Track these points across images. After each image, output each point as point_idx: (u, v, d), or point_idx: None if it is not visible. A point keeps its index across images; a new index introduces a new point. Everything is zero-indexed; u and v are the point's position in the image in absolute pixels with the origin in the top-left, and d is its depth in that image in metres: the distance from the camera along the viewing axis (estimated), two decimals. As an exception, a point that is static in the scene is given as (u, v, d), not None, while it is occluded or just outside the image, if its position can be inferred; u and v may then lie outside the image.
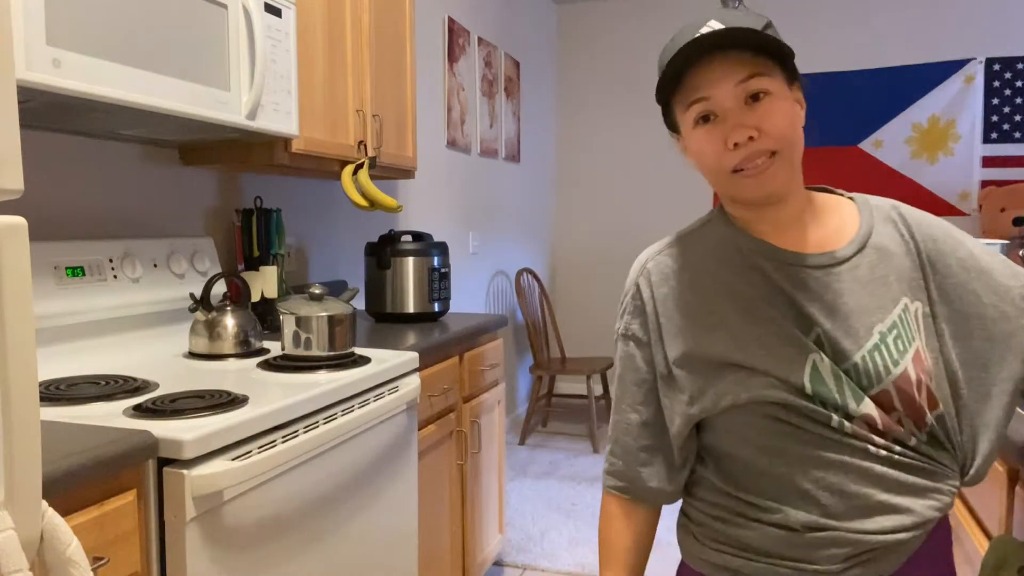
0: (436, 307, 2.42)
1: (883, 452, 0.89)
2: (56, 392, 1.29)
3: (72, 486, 0.94)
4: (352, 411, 1.49)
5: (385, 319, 2.42)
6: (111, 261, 1.65)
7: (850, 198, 1.03)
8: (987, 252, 0.97)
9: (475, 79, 3.85)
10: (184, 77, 1.42)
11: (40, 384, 1.34)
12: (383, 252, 2.39)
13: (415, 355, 1.79)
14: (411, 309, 2.39)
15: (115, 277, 1.64)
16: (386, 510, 1.65)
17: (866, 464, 0.89)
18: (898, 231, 0.98)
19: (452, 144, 3.59)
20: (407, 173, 2.55)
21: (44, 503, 0.82)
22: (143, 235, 1.85)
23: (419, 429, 1.90)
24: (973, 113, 4.52)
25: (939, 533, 0.96)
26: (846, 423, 0.89)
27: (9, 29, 0.77)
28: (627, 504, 1.04)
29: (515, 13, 4.42)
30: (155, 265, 1.76)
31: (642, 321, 1.02)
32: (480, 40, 3.89)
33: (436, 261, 2.42)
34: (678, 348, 0.98)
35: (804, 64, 5.06)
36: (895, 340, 0.91)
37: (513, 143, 4.44)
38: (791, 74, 0.95)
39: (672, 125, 1.00)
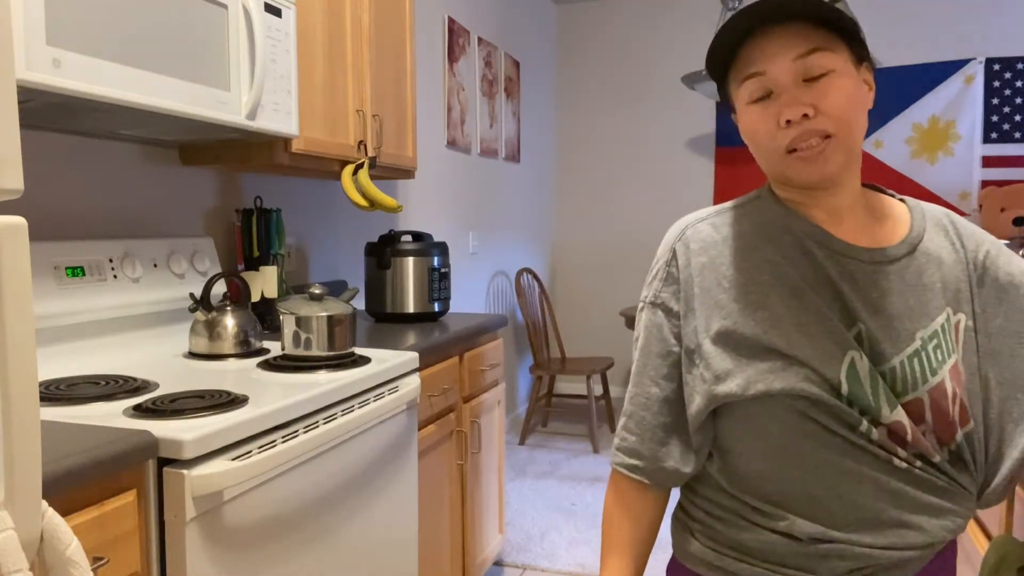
0: (436, 307, 2.42)
1: (904, 465, 0.86)
2: (56, 392, 1.29)
3: (72, 486, 0.94)
4: (352, 411, 1.48)
5: (385, 319, 2.42)
6: (111, 261, 1.65)
7: (901, 199, 0.99)
8: None
9: (475, 79, 3.85)
10: (184, 77, 1.42)
11: (40, 384, 1.34)
12: (383, 252, 2.39)
13: (415, 355, 1.79)
14: (411, 309, 2.39)
15: (115, 277, 1.64)
16: (386, 510, 1.65)
17: (884, 477, 0.86)
18: (949, 240, 0.94)
19: (452, 144, 3.59)
20: (407, 173, 2.55)
21: (44, 503, 0.82)
22: (143, 235, 1.85)
23: (419, 429, 1.90)
24: (973, 113, 4.52)
25: (947, 551, 0.93)
26: (874, 430, 0.85)
27: (9, 29, 0.77)
28: (638, 484, 0.97)
29: (515, 13, 4.42)
30: (155, 265, 1.76)
31: (675, 290, 0.95)
32: (480, 40, 3.89)
33: (436, 261, 2.42)
34: (714, 322, 0.91)
35: (804, 64, 5.07)
36: (935, 349, 0.87)
37: (513, 143, 4.44)
38: (860, 52, 0.89)
39: (727, 100, 0.95)
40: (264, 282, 2.05)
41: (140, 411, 1.19)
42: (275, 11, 1.69)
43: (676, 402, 0.95)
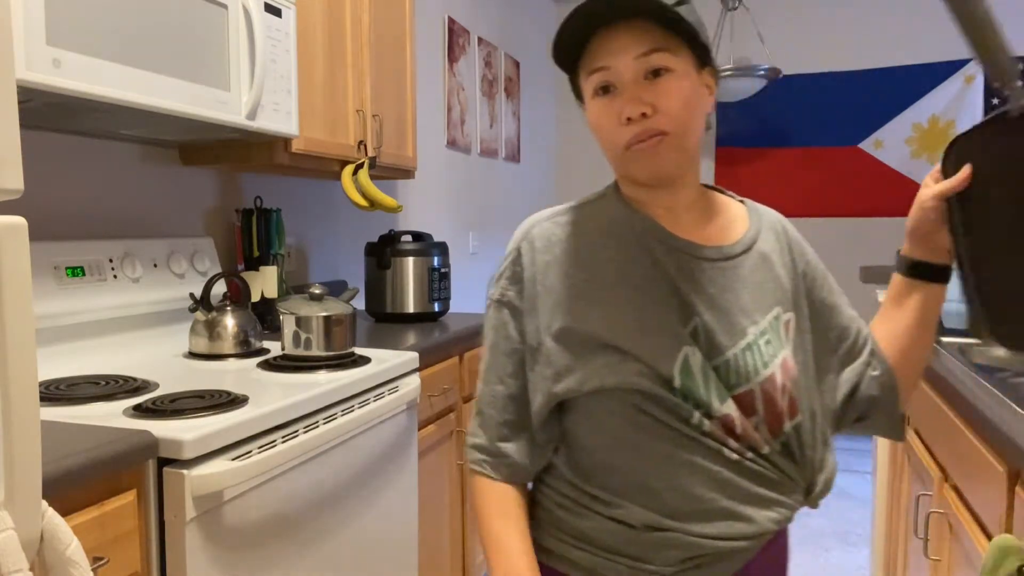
0: (436, 307, 2.42)
1: (735, 456, 0.89)
2: (56, 392, 1.29)
3: (72, 486, 0.94)
4: (352, 411, 1.48)
5: (385, 319, 2.42)
6: (111, 261, 1.65)
7: (741, 201, 1.04)
8: (839, 290, 1.04)
9: (475, 79, 3.85)
10: (184, 77, 1.42)
11: (40, 384, 1.34)
12: (383, 252, 2.39)
13: (415, 355, 1.79)
14: (411, 309, 2.39)
15: (115, 277, 1.64)
16: (386, 510, 1.65)
17: (716, 468, 0.89)
18: (780, 243, 1.00)
19: (452, 144, 3.59)
20: (407, 173, 2.55)
21: (44, 503, 0.82)
22: (143, 235, 1.85)
23: (419, 429, 1.90)
24: (973, 113, 4.52)
25: (776, 546, 0.97)
26: (706, 422, 0.89)
27: (9, 29, 0.77)
28: (490, 482, 0.97)
29: (515, 13, 4.42)
30: (155, 265, 1.76)
31: (519, 289, 0.97)
32: (480, 40, 3.89)
33: (436, 261, 2.42)
34: (555, 321, 0.93)
35: (805, 64, 5.07)
36: (767, 343, 0.92)
37: (513, 143, 4.44)
38: (702, 56, 0.92)
39: (577, 91, 0.98)
40: (264, 282, 2.05)
41: (140, 411, 1.19)
42: (275, 11, 1.69)
43: (521, 399, 0.96)
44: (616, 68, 0.88)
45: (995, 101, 4.49)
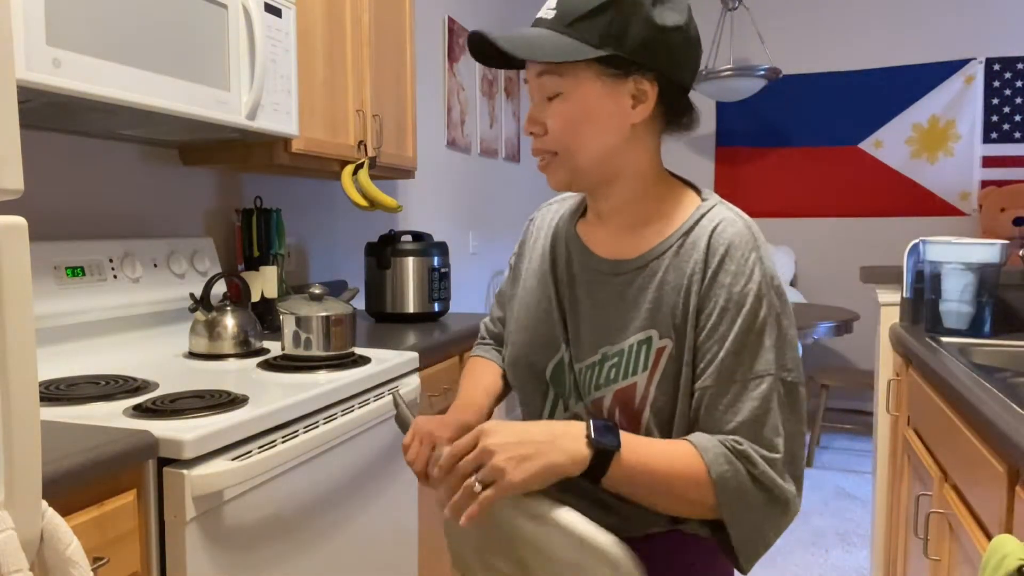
0: (436, 307, 2.42)
1: None
2: (56, 392, 1.29)
3: (72, 486, 0.94)
4: (352, 411, 1.48)
5: (385, 319, 2.42)
6: (111, 261, 1.65)
7: (707, 210, 0.94)
8: (733, 353, 0.87)
9: (475, 79, 3.85)
10: (184, 77, 1.42)
11: (40, 384, 1.34)
12: (383, 252, 2.39)
13: (415, 355, 1.79)
14: (411, 309, 2.39)
15: (115, 277, 1.64)
16: (386, 510, 1.65)
17: None
18: (697, 266, 0.90)
19: (452, 144, 3.59)
20: (407, 173, 2.55)
21: (44, 503, 0.82)
22: (143, 235, 1.85)
23: (419, 429, 1.90)
24: (973, 113, 4.52)
25: (647, 549, 0.91)
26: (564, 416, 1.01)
27: (9, 29, 0.77)
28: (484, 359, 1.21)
29: (515, 13, 4.42)
30: (155, 265, 1.76)
31: (517, 255, 1.15)
32: (480, 40, 3.89)
33: (436, 261, 2.42)
34: (513, 292, 1.12)
35: (805, 64, 5.07)
36: (612, 367, 0.93)
37: (513, 143, 4.44)
38: (620, 66, 0.87)
39: None
40: (264, 282, 2.05)
41: (140, 411, 1.19)
42: (275, 11, 1.69)
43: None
44: (531, 82, 0.94)
45: (995, 101, 4.49)
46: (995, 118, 4.50)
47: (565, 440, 0.84)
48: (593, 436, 0.84)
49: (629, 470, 0.84)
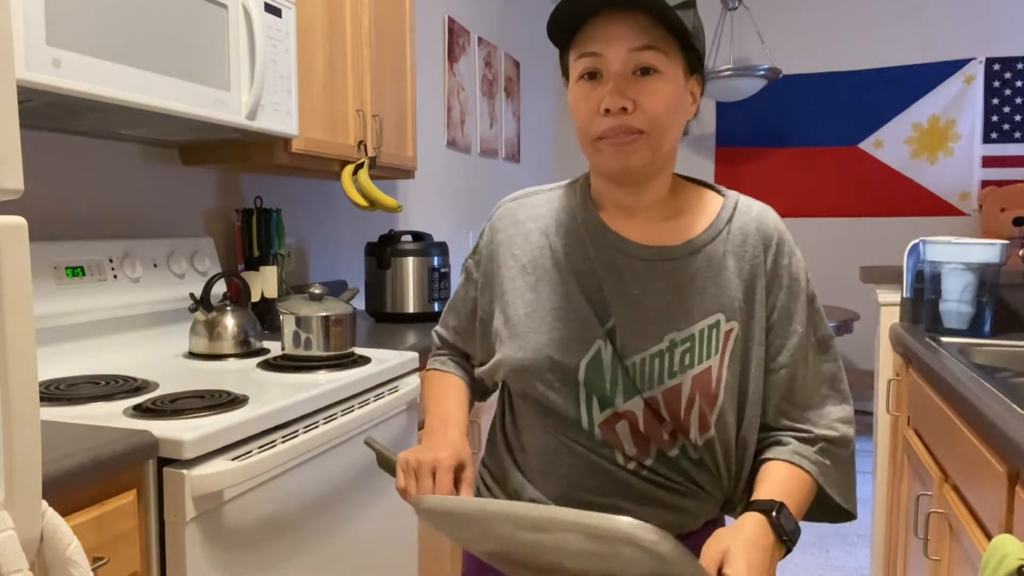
0: (436, 307, 2.42)
1: (631, 457, 0.92)
2: (56, 392, 1.29)
3: (72, 486, 0.94)
4: (352, 411, 1.48)
5: (385, 319, 2.42)
6: (111, 261, 1.65)
7: (723, 195, 1.00)
8: (806, 326, 0.96)
9: (475, 79, 3.85)
10: (184, 77, 1.42)
11: (40, 384, 1.34)
12: (383, 252, 2.39)
13: (415, 355, 1.79)
14: (411, 309, 2.39)
15: (115, 277, 1.64)
16: (386, 510, 1.65)
17: (610, 467, 0.93)
18: (749, 248, 0.95)
19: (452, 144, 3.59)
20: (407, 173, 2.55)
21: (44, 503, 0.82)
22: (143, 235, 1.85)
23: (419, 429, 1.90)
24: (973, 113, 4.52)
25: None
26: (596, 431, 0.92)
27: (9, 29, 0.77)
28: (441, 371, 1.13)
29: (515, 13, 4.42)
30: (155, 265, 1.76)
31: (477, 260, 1.05)
32: (480, 40, 3.89)
33: (436, 261, 2.42)
34: (491, 296, 1.02)
35: (805, 64, 5.07)
36: (685, 352, 0.91)
37: (513, 143, 4.44)
38: (693, 64, 0.91)
39: (565, 68, 0.97)
40: (264, 282, 2.05)
41: (140, 411, 1.19)
42: (275, 11, 1.69)
43: (466, 334, 1.10)
44: (607, 57, 0.87)
45: (995, 101, 4.49)
46: (995, 118, 4.50)
47: (777, 553, 0.85)
48: (785, 537, 0.85)
49: (794, 522, 0.88)
